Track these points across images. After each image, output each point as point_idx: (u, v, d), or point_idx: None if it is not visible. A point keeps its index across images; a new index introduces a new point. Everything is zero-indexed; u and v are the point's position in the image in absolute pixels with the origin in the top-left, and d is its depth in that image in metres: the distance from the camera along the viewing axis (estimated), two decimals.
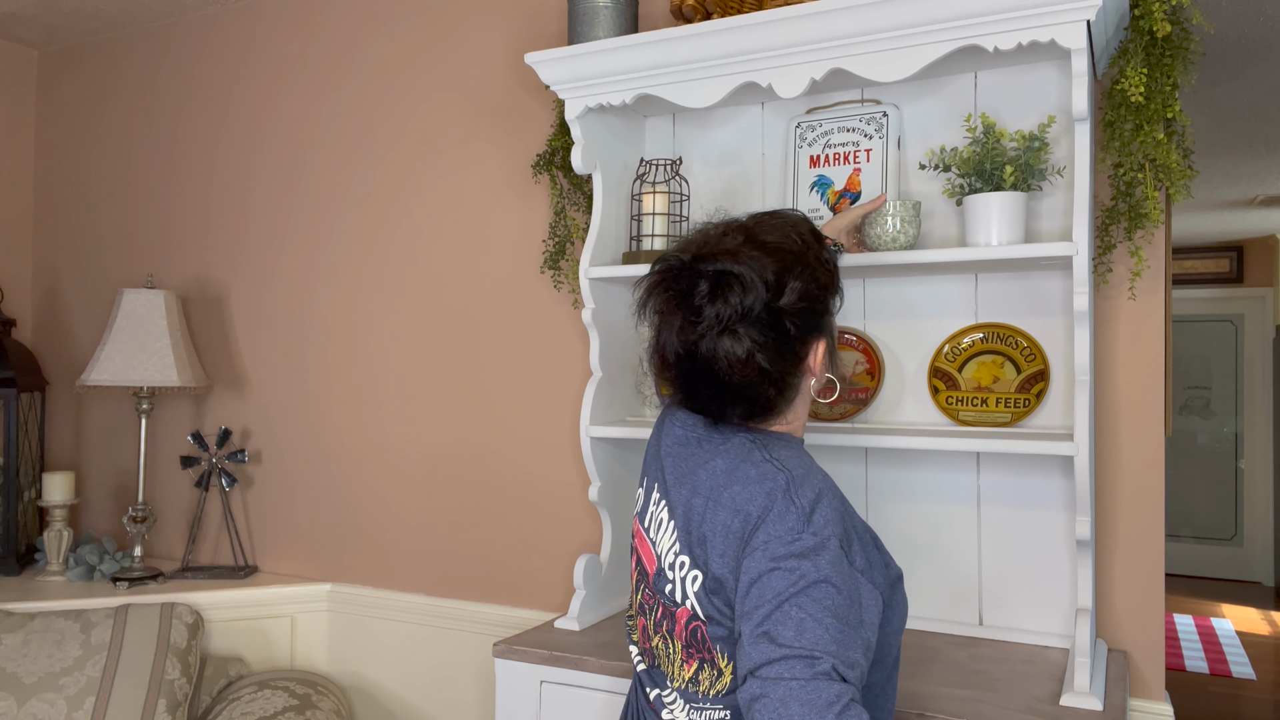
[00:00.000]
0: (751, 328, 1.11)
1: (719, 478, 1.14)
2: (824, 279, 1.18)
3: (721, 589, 1.09)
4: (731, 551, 1.08)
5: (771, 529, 1.04)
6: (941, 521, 1.88)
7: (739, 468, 1.13)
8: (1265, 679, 4.81)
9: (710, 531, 1.11)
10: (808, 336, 1.16)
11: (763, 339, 1.12)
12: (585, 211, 2.20)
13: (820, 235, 1.22)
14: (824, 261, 1.19)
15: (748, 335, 1.11)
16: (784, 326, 1.13)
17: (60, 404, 3.15)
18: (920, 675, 1.59)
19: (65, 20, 2.97)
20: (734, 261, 1.12)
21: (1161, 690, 1.74)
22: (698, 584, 1.12)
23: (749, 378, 1.12)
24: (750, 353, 1.11)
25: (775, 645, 0.96)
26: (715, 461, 1.16)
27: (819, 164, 1.94)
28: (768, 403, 1.16)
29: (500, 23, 2.42)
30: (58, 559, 2.69)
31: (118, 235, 3.05)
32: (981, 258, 1.62)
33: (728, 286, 1.11)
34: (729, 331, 1.11)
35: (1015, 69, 1.80)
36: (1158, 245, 1.75)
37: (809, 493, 1.07)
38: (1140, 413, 1.77)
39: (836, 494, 1.10)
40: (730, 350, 1.11)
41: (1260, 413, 6.74)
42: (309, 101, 2.71)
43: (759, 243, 1.15)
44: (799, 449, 1.18)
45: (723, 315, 1.11)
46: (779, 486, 1.08)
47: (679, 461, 1.21)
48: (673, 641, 1.17)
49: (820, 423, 1.90)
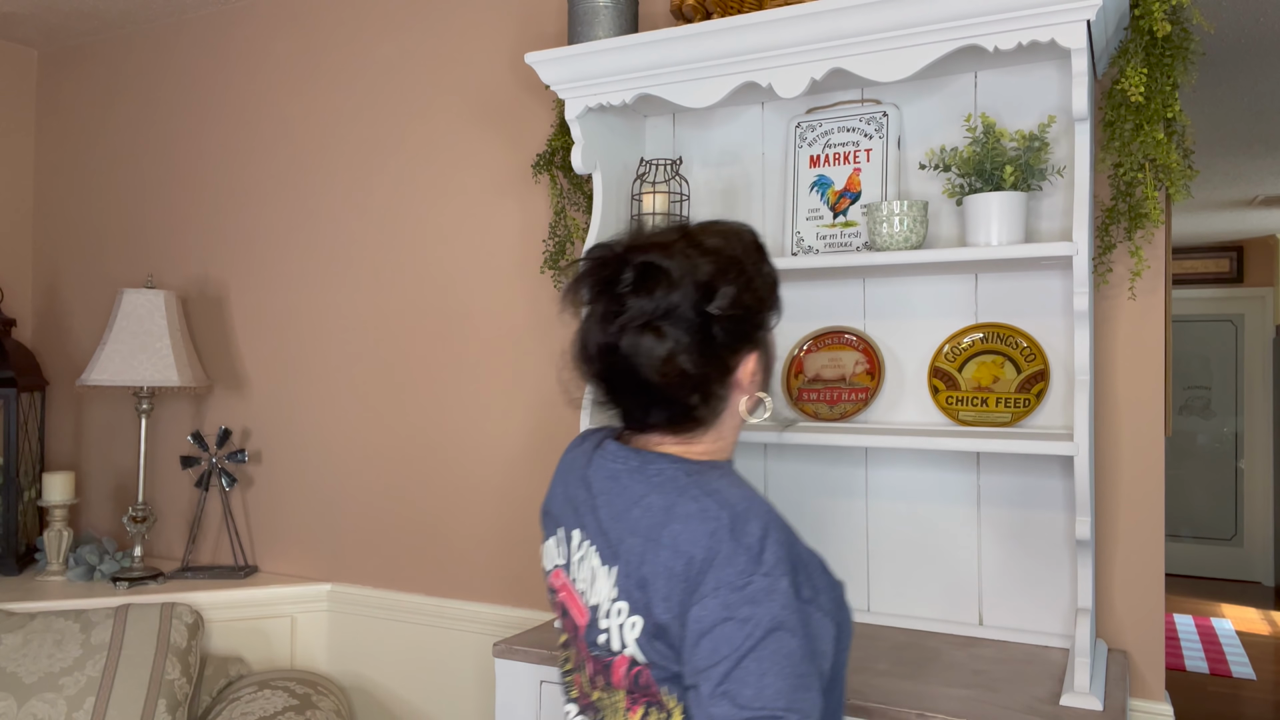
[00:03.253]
0: (676, 327, 1.06)
1: (656, 515, 1.05)
2: (761, 292, 1.14)
3: (665, 634, 1.02)
4: (676, 596, 1.01)
5: (720, 574, 0.98)
6: (942, 521, 1.88)
7: (676, 503, 1.05)
8: (1265, 679, 4.81)
9: (651, 574, 1.03)
10: (738, 346, 1.11)
11: (688, 340, 1.07)
12: (585, 211, 2.20)
13: (763, 249, 1.18)
14: (764, 274, 1.15)
15: (671, 334, 1.06)
16: (712, 331, 1.08)
17: (60, 404, 3.15)
18: (920, 675, 1.59)
19: (65, 20, 2.97)
20: (665, 255, 1.07)
21: (1161, 690, 1.74)
22: (638, 630, 1.04)
23: (670, 379, 1.08)
24: (672, 353, 1.07)
25: (737, 707, 0.93)
26: (650, 498, 1.08)
27: (819, 164, 1.94)
28: (690, 410, 1.10)
29: (500, 23, 2.42)
30: (58, 559, 2.69)
31: (118, 235, 3.05)
32: (981, 258, 1.62)
33: (654, 280, 1.06)
34: (652, 328, 1.06)
35: (1015, 69, 1.80)
36: (1158, 245, 1.75)
37: (755, 529, 1.00)
38: (1140, 413, 1.77)
39: (780, 523, 1.04)
40: (651, 348, 1.06)
41: (1260, 413, 6.74)
42: (309, 102, 2.71)
43: (696, 243, 1.10)
44: (733, 477, 1.11)
45: (645, 309, 1.06)
46: (723, 526, 1.00)
47: (612, 499, 1.12)
48: (614, 692, 1.11)
49: (820, 422, 1.90)
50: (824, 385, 1.94)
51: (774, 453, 2.03)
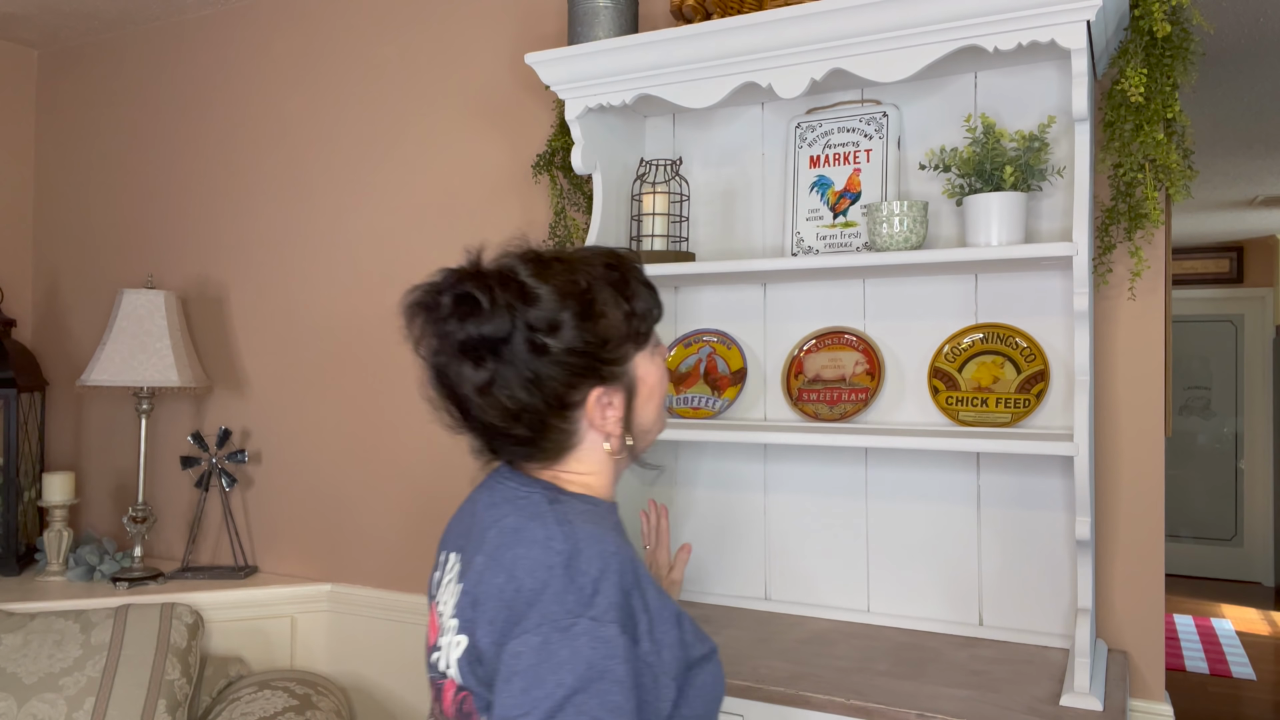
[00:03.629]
0: (496, 357, 1.02)
1: (506, 535, 1.02)
2: (609, 326, 1.06)
3: (482, 661, 0.97)
4: (500, 621, 0.96)
5: (546, 609, 0.92)
6: (941, 521, 1.88)
7: (526, 527, 1.01)
8: (1265, 679, 4.81)
9: (484, 595, 0.98)
10: (576, 381, 1.05)
11: (509, 372, 1.02)
12: (585, 212, 2.20)
13: (627, 279, 1.10)
14: (618, 306, 1.08)
15: (491, 364, 1.02)
16: (538, 364, 1.02)
17: (60, 404, 3.15)
18: (920, 675, 1.59)
19: (65, 20, 2.97)
20: (482, 286, 1.02)
21: (1161, 690, 1.74)
22: (460, 649, 1.00)
23: (490, 409, 1.04)
24: (487, 383, 1.03)
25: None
26: (508, 519, 1.04)
27: (819, 164, 1.94)
28: (524, 442, 1.07)
29: (500, 23, 2.42)
30: (58, 559, 2.69)
31: (118, 235, 3.05)
32: (981, 258, 1.62)
33: (467, 307, 1.02)
34: (470, 356, 1.03)
35: (1015, 69, 1.80)
36: (1158, 245, 1.75)
37: (592, 569, 0.95)
38: (1140, 413, 1.77)
39: (628, 570, 0.97)
40: (469, 376, 1.03)
41: (1260, 413, 6.74)
42: (309, 101, 2.71)
43: (539, 272, 1.05)
44: (597, 514, 1.05)
45: (458, 337, 1.02)
46: (560, 559, 0.95)
47: (484, 520, 1.08)
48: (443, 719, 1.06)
49: (820, 423, 1.90)
50: (824, 385, 1.94)
51: (774, 453, 2.03)
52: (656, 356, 1.15)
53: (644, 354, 1.12)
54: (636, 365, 1.10)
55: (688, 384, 2.07)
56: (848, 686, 1.53)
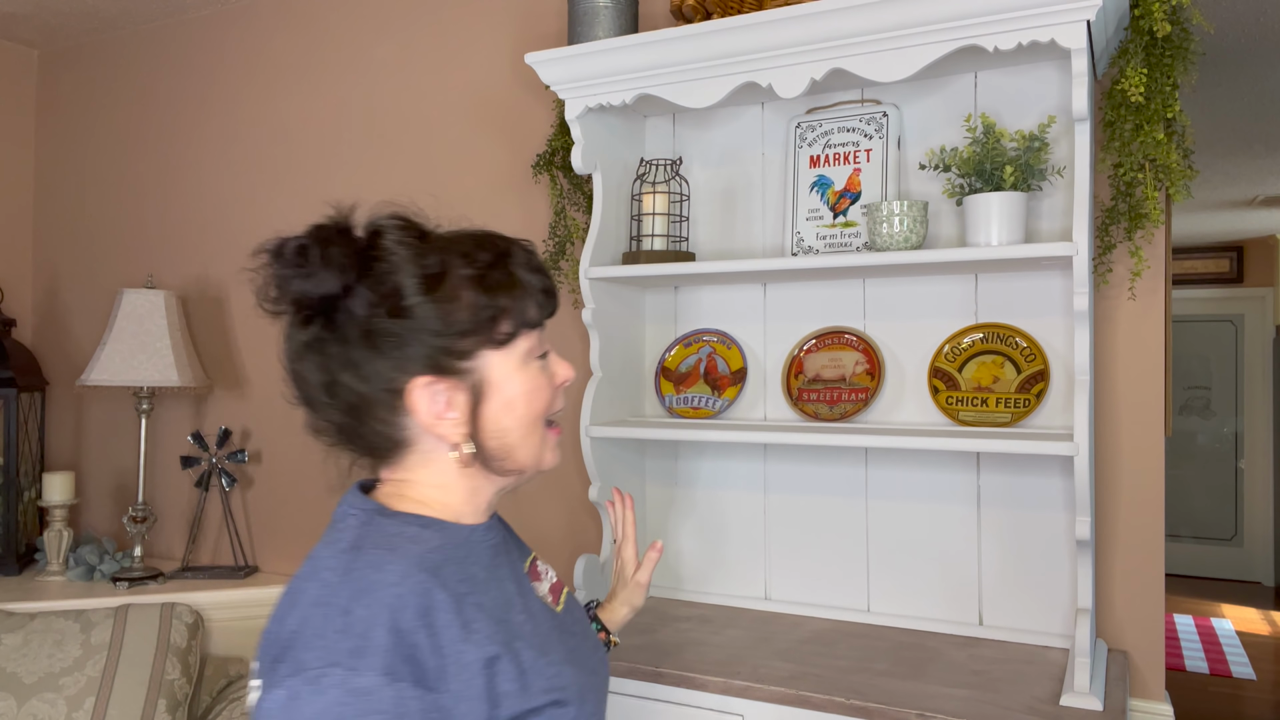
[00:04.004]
0: (324, 319, 0.91)
1: (306, 564, 0.89)
2: (457, 316, 0.91)
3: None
4: (266, 668, 0.83)
5: (299, 655, 0.79)
6: (941, 521, 1.88)
7: (322, 556, 0.88)
8: (1265, 679, 4.81)
9: (266, 636, 0.85)
10: (404, 365, 0.90)
11: (333, 339, 0.90)
12: (585, 211, 2.20)
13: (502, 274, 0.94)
14: (479, 299, 0.92)
15: (317, 326, 0.91)
16: (364, 334, 0.89)
17: (60, 404, 3.15)
18: (920, 675, 1.59)
19: (65, 20, 2.97)
20: (322, 240, 0.90)
21: (1161, 690, 1.74)
22: (252, 698, 0.86)
23: (311, 378, 0.92)
24: (308, 345, 0.91)
25: None
26: (319, 546, 0.92)
27: (819, 164, 1.94)
28: (345, 430, 0.94)
29: (500, 23, 2.42)
30: (58, 559, 2.69)
31: (118, 235, 3.05)
32: (981, 258, 1.62)
33: (301, 261, 0.89)
34: (299, 313, 0.91)
35: (1015, 69, 1.80)
36: (1158, 245, 1.75)
37: (359, 607, 0.81)
38: (1140, 413, 1.77)
39: (408, 607, 0.82)
40: (295, 336, 0.92)
41: (1260, 413, 6.74)
42: (308, 101, 2.71)
43: (400, 239, 0.92)
44: (410, 538, 0.90)
45: (290, 290, 0.90)
46: (326, 596, 0.82)
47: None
48: None
49: (820, 422, 1.90)
50: (824, 385, 1.94)
51: (774, 453, 2.03)
52: (531, 367, 0.97)
53: (503, 356, 0.94)
54: (489, 367, 0.94)
55: (688, 384, 2.07)
56: (848, 686, 1.53)
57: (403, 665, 0.79)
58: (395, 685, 0.78)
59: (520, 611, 0.95)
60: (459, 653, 0.83)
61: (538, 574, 1.08)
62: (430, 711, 0.80)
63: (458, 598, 0.86)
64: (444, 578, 0.87)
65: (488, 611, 0.89)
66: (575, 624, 1.07)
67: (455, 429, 0.93)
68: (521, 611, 0.95)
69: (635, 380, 2.11)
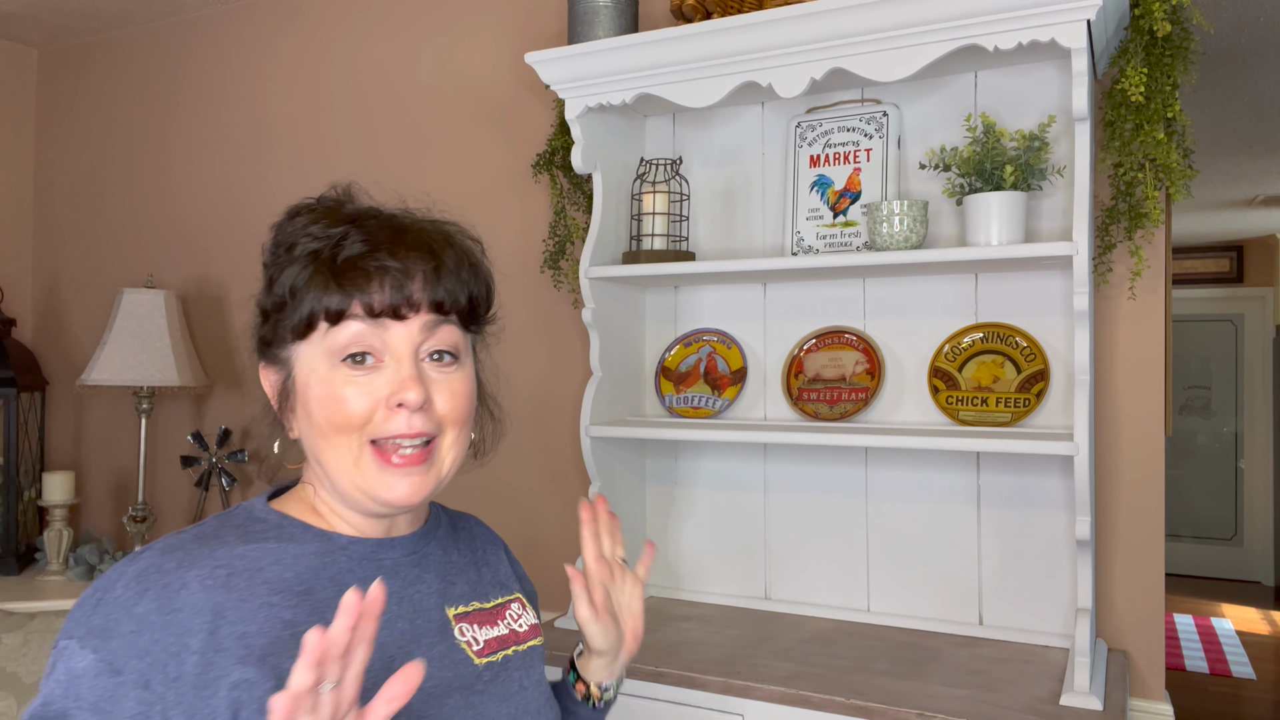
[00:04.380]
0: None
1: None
2: (263, 301, 0.85)
3: None
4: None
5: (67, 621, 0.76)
6: (941, 521, 1.88)
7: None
8: (1265, 679, 4.81)
9: None
10: (257, 349, 0.87)
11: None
12: (585, 211, 2.20)
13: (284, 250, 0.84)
14: (269, 279, 0.85)
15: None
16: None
17: (60, 404, 3.15)
18: (920, 675, 1.59)
19: (65, 20, 2.97)
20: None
21: (1161, 690, 1.74)
22: None
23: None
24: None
25: None
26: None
27: (819, 164, 1.94)
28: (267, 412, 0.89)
29: (500, 23, 2.42)
30: (58, 559, 2.69)
31: (118, 235, 3.05)
32: (981, 258, 1.62)
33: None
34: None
35: (1015, 69, 1.80)
36: (1158, 245, 1.75)
37: (108, 578, 0.76)
38: (1140, 413, 1.77)
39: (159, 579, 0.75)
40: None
41: (1260, 413, 6.74)
42: (309, 101, 2.71)
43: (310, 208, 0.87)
44: (207, 531, 0.82)
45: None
46: (110, 576, 0.77)
47: None
48: None
49: (820, 422, 1.90)
50: (824, 385, 1.94)
51: (774, 453, 2.03)
52: (337, 371, 0.81)
53: (308, 349, 0.82)
54: (297, 359, 0.83)
55: (688, 384, 2.07)
56: (848, 686, 1.53)
57: (134, 660, 0.72)
58: (109, 676, 0.72)
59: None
60: (208, 664, 0.73)
61: (492, 619, 0.94)
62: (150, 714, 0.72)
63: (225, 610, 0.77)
64: (231, 585, 0.77)
65: (268, 635, 0.76)
66: (500, 684, 0.90)
67: (288, 418, 0.86)
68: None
69: (635, 380, 2.11)
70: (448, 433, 0.84)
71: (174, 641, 0.73)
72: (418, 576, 0.89)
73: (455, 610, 0.91)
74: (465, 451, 0.88)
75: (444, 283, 0.83)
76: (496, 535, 1.08)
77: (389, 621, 0.84)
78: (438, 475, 0.84)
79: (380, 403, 0.80)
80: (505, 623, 0.95)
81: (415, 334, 0.82)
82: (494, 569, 1.01)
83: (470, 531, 1.03)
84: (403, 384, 0.80)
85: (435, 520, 0.96)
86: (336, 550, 0.84)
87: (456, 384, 0.85)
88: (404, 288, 0.81)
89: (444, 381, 0.84)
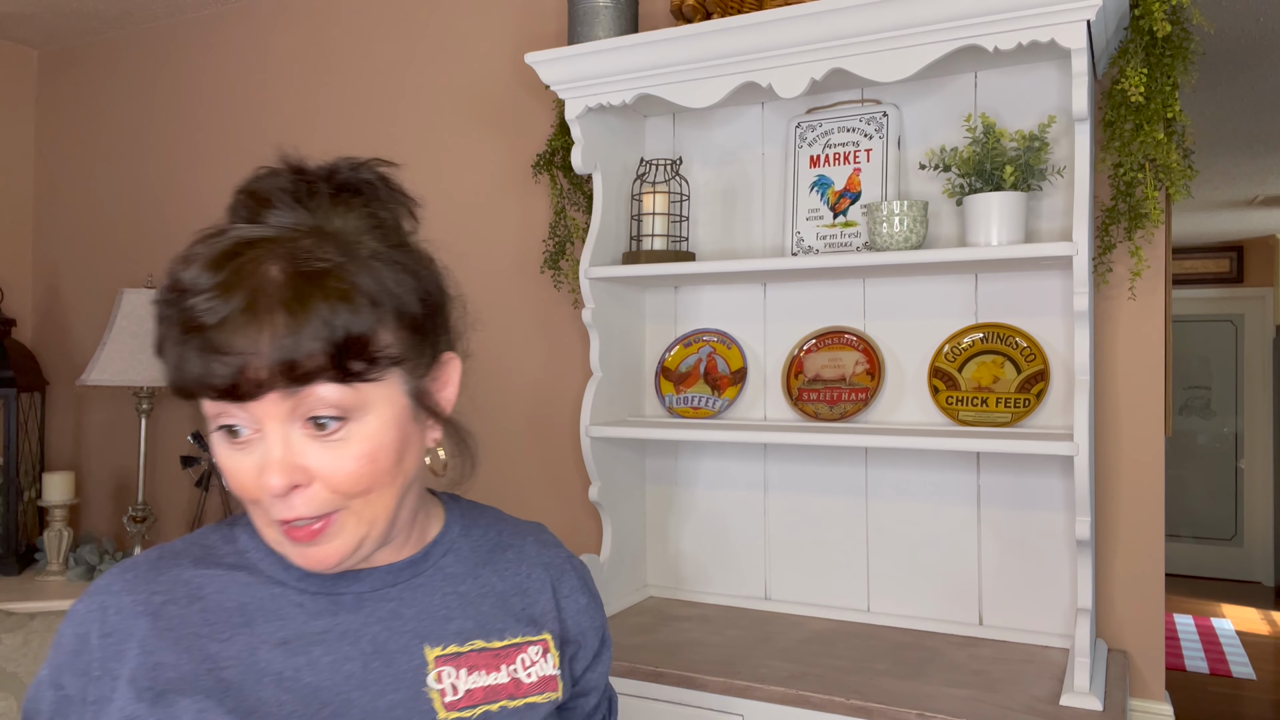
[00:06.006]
0: None
1: None
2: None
3: None
4: None
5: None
6: (941, 521, 1.88)
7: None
8: (1265, 679, 4.81)
9: None
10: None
11: None
12: (585, 211, 2.20)
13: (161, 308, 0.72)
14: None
15: None
16: None
17: (60, 404, 3.15)
18: (920, 675, 1.59)
19: (65, 20, 2.97)
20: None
21: (1161, 690, 1.74)
22: None
23: None
24: None
25: None
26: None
27: (819, 164, 1.94)
28: None
29: (500, 23, 2.42)
30: (58, 559, 2.69)
31: (118, 235, 3.05)
32: (981, 258, 1.62)
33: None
34: None
35: (1015, 69, 1.80)
36: (1158, 245, 1.75)
37: (78, 605, 0.78)
38: (1140, 413, 1.77)
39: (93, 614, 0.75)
40: None
41: (1260, 413, 6.74)
42: (308, 101, 2.71)
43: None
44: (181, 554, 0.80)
45: None
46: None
47: None
48: None
49: (820, 422, 1.90)
50: (824, 385, 1.94)
51: (774, 453, 2.03)
52: (221, 442, 0.73)
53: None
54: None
55: (688, 384, 2.07)
56: (848, 686, 1.53)
57: (73, 678, 0.74)
58: (59, 692, 0.75)
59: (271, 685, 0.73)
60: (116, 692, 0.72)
61: (494, 663, 0.82)
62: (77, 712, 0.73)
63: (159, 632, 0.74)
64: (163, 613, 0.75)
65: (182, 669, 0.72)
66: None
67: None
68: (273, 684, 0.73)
69: (635, 380, 2.11)
70: (350, 504, 0.72)
71: (100, 667, 0.73)
72: (391, 611, 0.79)
73: (440, 650, 0.79)
74: (394, 504, 0.75)
75: (289, 342, 0.66)
76: (562, 559, 0.93)
77: (334, 663, 0.75)
78: (355, 539, 0.73)
79: (254, 479, 0.71)
80: (509, 669, 0.82)
81: (277, 405, 0.69)
82: (531, 600, 0.87)
83: (520, 552, 0.90)
84: (264, 469, 0.69)
85: (443, 544, 0.86)
86: (290, 581, 0.78)
87: (350, 449, 0.71)
88: (239, 368, 0.66)
89: (329, 450, 0.70)
